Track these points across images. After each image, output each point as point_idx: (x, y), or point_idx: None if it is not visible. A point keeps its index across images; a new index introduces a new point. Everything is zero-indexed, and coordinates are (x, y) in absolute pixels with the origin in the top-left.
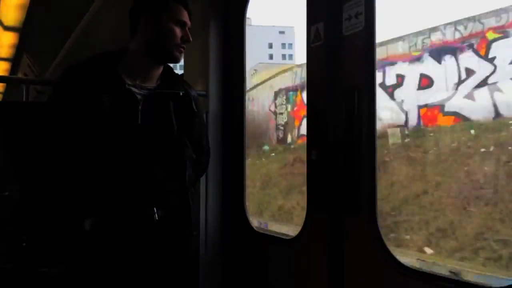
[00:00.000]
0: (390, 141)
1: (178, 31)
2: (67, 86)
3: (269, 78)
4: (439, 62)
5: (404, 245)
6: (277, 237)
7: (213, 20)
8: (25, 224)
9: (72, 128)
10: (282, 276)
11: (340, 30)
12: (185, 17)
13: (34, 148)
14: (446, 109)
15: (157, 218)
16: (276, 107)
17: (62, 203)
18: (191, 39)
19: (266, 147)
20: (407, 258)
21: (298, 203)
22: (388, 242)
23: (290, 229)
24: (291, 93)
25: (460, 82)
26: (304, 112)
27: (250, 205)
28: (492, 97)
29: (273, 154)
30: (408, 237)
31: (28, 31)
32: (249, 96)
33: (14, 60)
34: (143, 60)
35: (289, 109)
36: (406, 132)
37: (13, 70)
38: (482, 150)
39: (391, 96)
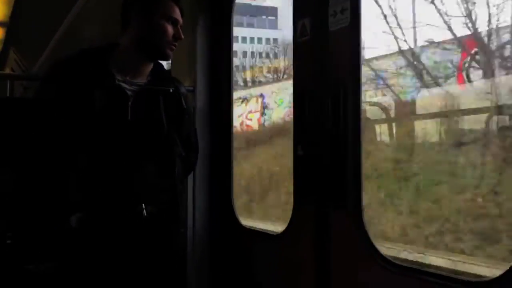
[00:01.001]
0: None
1: (169, 28)
2: (55, 80)
3: None
4: None
5: None
6: (264, 232)
7: (200, 15)
8: (11, 221)
9: (60, 123)
10: (270, 271)
11: (326, 25)
12: (177, 14)
13: (21, 144)
14: None
15: (145, 215)
16: None
17: (49, 199)
18: (182, 36)
19: None
20: None
21: None
22: None
23: None
24: None
25: None
26: None
27: None
28: None
29: None
30: None
31: (14, 26)
32: None
33: (1, 55)
34: (133, 56)
35: None
36: None
37: (0, 65)
38: None
39: None
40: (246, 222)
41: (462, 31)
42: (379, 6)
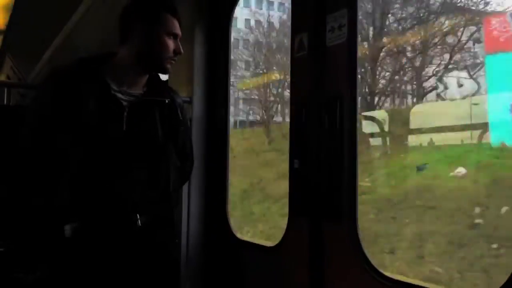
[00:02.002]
0: None
1: (170, 43)
2: (52, 89)
3: None
4: None
5: None
6: (259, 244)
7: (198, 26)
8: (3, 229)
9: (55, 132)
10: (264, 283)
11: (324, 41)
12: (177, 28)
13: (15, 152)
14: None
15: (140, 224)
16: None
17: (42, 208)
18: (182, 51)
19: None
20: None
21: None
22: None
23: None
24: None
25: None
26: None
27: None
28: None
29: None
30: None
31: (11, 33)
32: None
33: None
34: (131, 68)
35: None
36: None
37: None
38: None
39: None
40: None
41: None
42: None
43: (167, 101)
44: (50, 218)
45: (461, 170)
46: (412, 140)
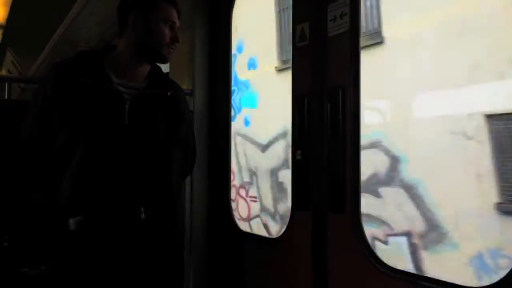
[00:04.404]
0: None
1: (167, 31)
2: (53, 83)
3: None
4: None
5: None
6: (262, 236)
7: (199, 17)
8: (7, 223)
9: (57, 126)
10: (268, 275)
11: (325, 30)
12: (174, 17)
13: (16, 145)
14: None
15: (144, 217)
16: None
17: (45, 202)
18: (180, 39)
19: None
20: None
21: None
22: None
23: None
24: None
25: None
26: None
27: None
28: None
29: None
30: None
31: (12, 28)
32: None
33: None
34: (131, 59)
35: None
36: None
37: None
38: None
39: None
40: None
41: None
42: None
43: (169, 94)
44: (54, 212)
45: None
46: None
